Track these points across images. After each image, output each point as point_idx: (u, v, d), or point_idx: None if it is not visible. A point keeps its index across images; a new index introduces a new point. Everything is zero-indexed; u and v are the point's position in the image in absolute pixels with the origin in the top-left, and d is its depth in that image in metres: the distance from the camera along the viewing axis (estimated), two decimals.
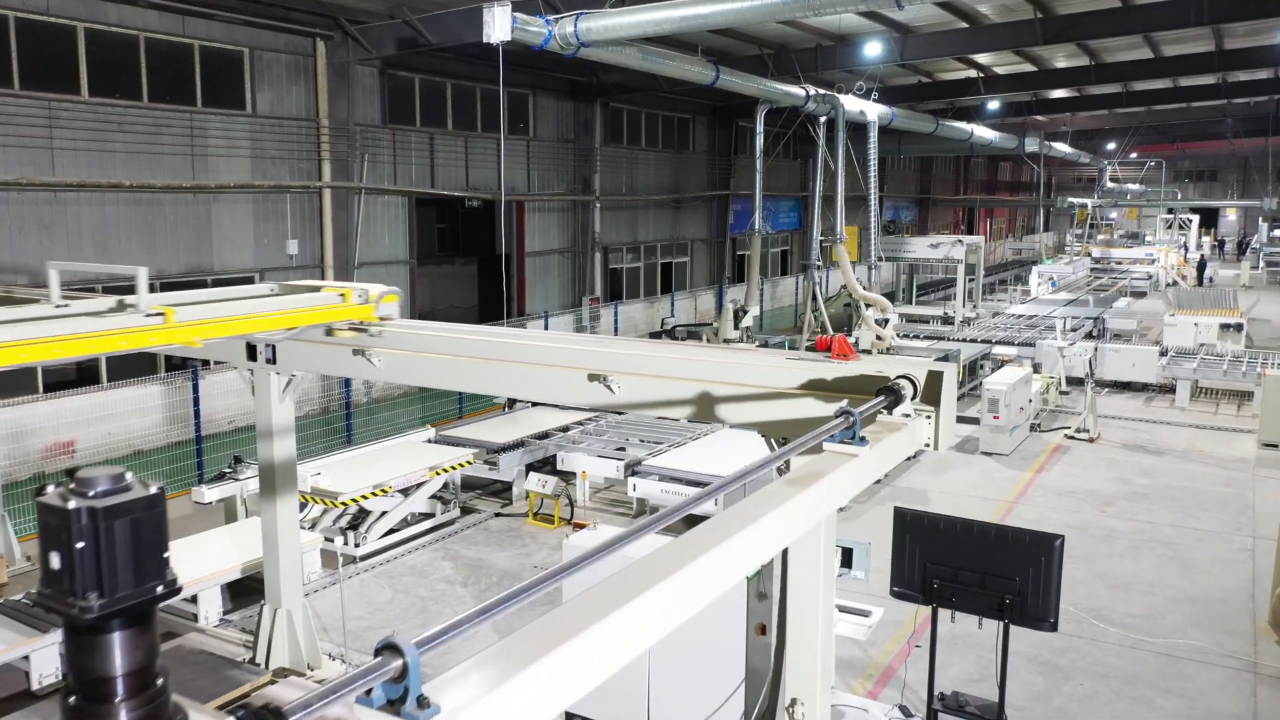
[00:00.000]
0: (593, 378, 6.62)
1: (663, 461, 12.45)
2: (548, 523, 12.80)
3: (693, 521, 11.26)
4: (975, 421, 17.86)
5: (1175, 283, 44.39)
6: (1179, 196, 61.69)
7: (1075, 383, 20.97)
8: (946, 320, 27.01)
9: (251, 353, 8.28)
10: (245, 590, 10.31)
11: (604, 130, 27.33)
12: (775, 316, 32.52)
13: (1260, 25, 23.90)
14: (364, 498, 11.35)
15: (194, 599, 9.71)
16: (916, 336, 23.45)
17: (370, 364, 7.57)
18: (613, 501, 13.78)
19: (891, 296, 26.50)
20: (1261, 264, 53.52)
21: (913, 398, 5.53)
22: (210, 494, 11.17)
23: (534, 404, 15.11)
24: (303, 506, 11.52)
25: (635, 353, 6.67)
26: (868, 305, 18.41)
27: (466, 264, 30.97)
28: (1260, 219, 63.97)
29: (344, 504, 11.16)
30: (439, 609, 10.28)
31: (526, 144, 24.99)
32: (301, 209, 19.13)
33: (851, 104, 20.40)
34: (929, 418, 5.69)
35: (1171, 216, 56.32)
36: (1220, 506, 13.65)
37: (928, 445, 5.74)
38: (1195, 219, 59.86)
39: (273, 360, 8.20)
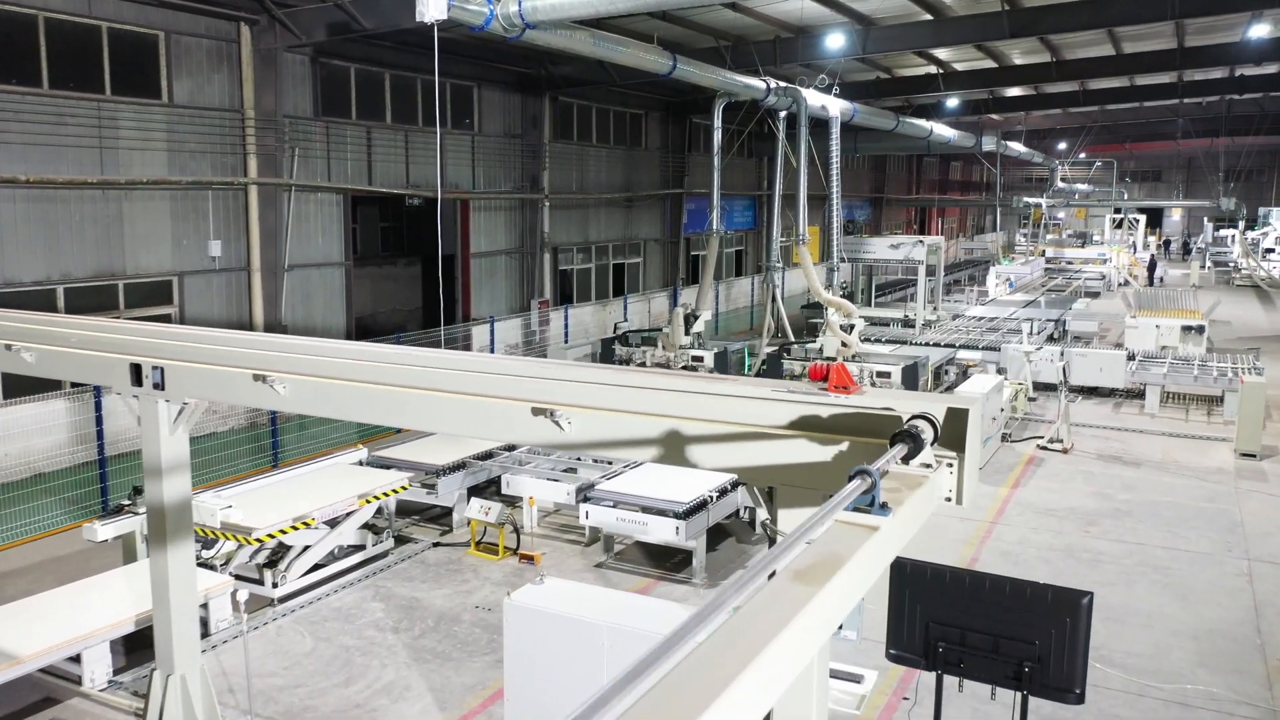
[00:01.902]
0: (538, 411, 5.50)
1: (617, 486, 11.34)
2: (491, 553, 11.63)
3: (658, 555, 9.86)
4: None
5: (1127, 282, 44.39)
6: (1125, 197, 62.11)
7: (1041, 388, 20.30)
8: (907, 323, 26.23)
9: (137, 376, 7.05)
10: (145, 642, 9.00)
11: (553, 125, 26.15)
12: (730, 318, 31.57)
13: (1221, 22, 23.50)
14: (282, 532, 10.09)
15: (78, 658, 8.40)
16: (879, 340, 22.65)
17: (274, 391, 6.40)
18: (563, 527, 12.65)
19: (850, 298, 25.69)
20: (1208, 263, 53.90)
21: (932, 442, 4.50)
22: (104, 531, 9.83)
23: None
24: (214, 543, 10.24)
25: (589, 381, 5.56)
26: (833, 309, 17.46)
27: (410, 265, 29.61)
28: (1205, 219, 64.73)
29: (259, 541, 9.89)
30: (365, 661, 9.06)
31: (471, 139, 23.71)
32: (225, 207, 17.70)
33: (813, 98, 19.47)
34: (950, 466, 4.66)
35: (1119, 216, 56.63)
36: (1208, 524, 12.89)
37: (949, 499, 4.72)
38: (1142, 219, 60.33)
39: (161, 386, 6.97)
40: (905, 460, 4.29)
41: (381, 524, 11.90)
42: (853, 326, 17.31)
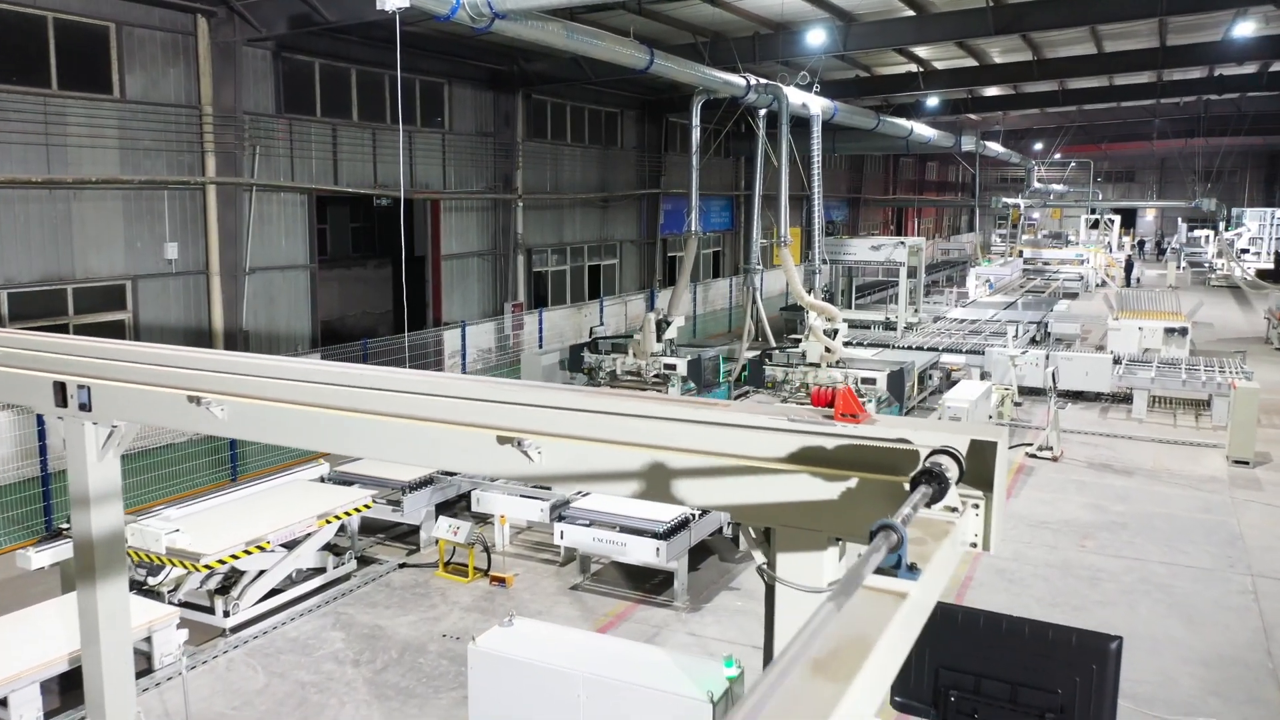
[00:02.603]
0: (504, 439, 4.90)
1: (593, 504, 10.72)
2: (461, 575, 10.98)
3: (637, 575, 9.12)
4: None
5: (1104, 283, 44.24)
6: (1099, 197, 62.18)
7: (1026, 392, 19.89)
8: (888, 326, 25.77)
9: (62, 396, 6.37)
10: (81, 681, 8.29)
11: (526, 124, 25.47)
12: (708, 320, 30.96)
13: (1204, 21, 23.19)
14: (234, 558, 9.39)
15: (4, 701, 7.68)
16: (860, 344, 22.13)
17: (212, 415, 5.76)
18: (537, 544, 12.01)
19: (830, 300, 25.19)
20: (1183, 264, 53.92)
21: (957, 480, 3.91)
22: (39, 558, 9.09)
23: None
24: (160, 569, 9.52)
25: (562, 406, 4.94)
26: (815, 314, 16.90)
27: (380, 266, 28.81)
28: (1179, 219, 64.94)
29: (207, 567, 9.18)
30: (322, 700, 8.38)
31: (442, 137, 23.01)
32: (182, 207, 16.91)
33: (794, 96, 18.91)
34: (976, 507, 4.09)
35: (1094, 216, 56.66)
36: (1206, 537, 12.44)
37: (974, 545, 4.15)
38: (1117, 219, 60.45)
39: (88, 407, 6.30)
40: (929, 504, 3.71)
41: (344, 544, 11.22)
42: (836, 331, 16.75)
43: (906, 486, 4.05)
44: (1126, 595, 10.67)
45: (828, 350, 16.54)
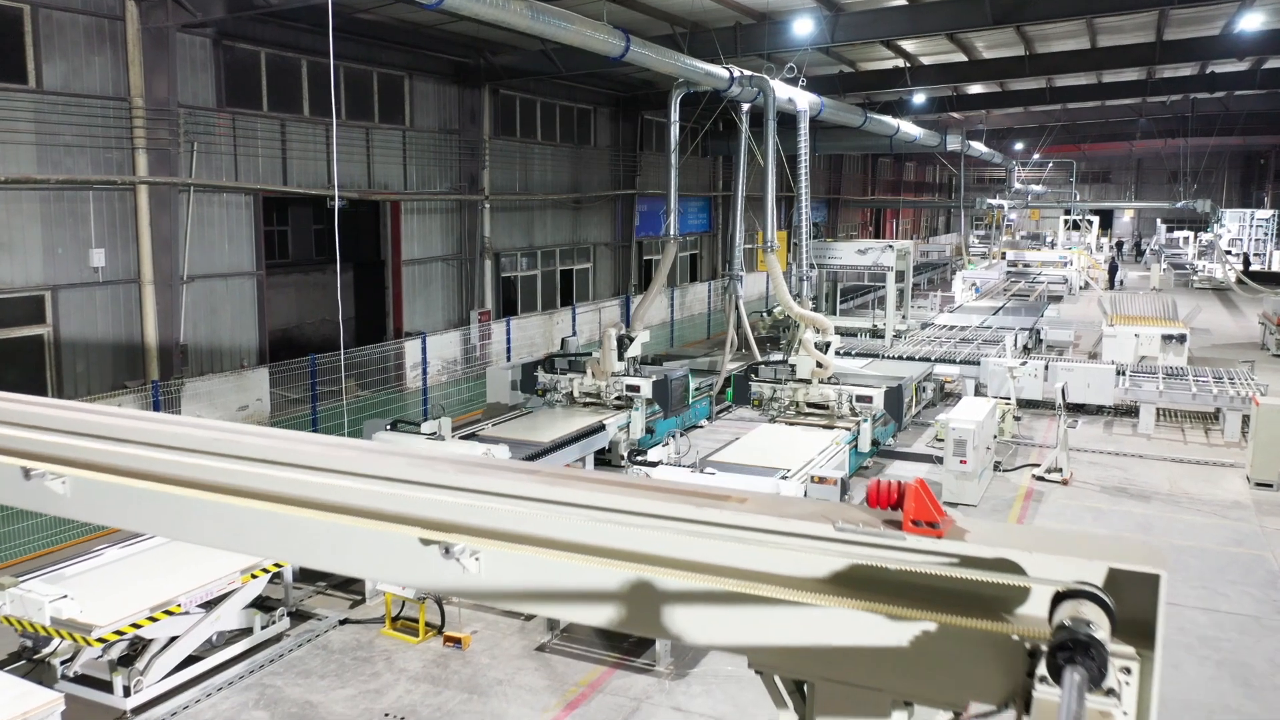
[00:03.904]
0: (429, 541, 3.51)
1: None
2: (410, 634, 9.56)
3: (612, 633, 7.23)
4: (930, 459, 15.35)
5: (1087, 285, 43.42)
6: (1077, 198, 61.58)
7: (1025, 405, 18.74)
8: (875, 334, 24.58)
9: None
10: None
11: (494, 120, 24.04)
12: (685, 327, 29.60)
13: (1203, 14, 22.12)
14: (135, 627, 7.93)
15: None
16: (849, 353, 20.88)
17: (51, 491, 4.34)
18: None
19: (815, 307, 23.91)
20: (1165, 265, 53.27)
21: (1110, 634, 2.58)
22: None
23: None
24: (48, 640, 8.05)
25: (513, 493, 3.55)
26: (806, 326, 15.61)
27: (341, 271, 27.19)
28: (1158, 220, 64.40)
29: (100, 641, 7.71)
30: None
31: (402, 134, 21.53)
32: (110, 210, 15.37)
33: (780, 90, 17.60)
34: (1127, 671, 2.76)
35: (1073, 217, 56.00)
36: (1244, 576, 11.24)
37: None
38: (1095, 220, 59.85)
39: None
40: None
41: (276, 596, 9.77)
42: (828, 344, 15.46)
43: (1016, 636, 2.74)
44: (1168, 651, 9.41)
45: (819, 365, 15.25)
